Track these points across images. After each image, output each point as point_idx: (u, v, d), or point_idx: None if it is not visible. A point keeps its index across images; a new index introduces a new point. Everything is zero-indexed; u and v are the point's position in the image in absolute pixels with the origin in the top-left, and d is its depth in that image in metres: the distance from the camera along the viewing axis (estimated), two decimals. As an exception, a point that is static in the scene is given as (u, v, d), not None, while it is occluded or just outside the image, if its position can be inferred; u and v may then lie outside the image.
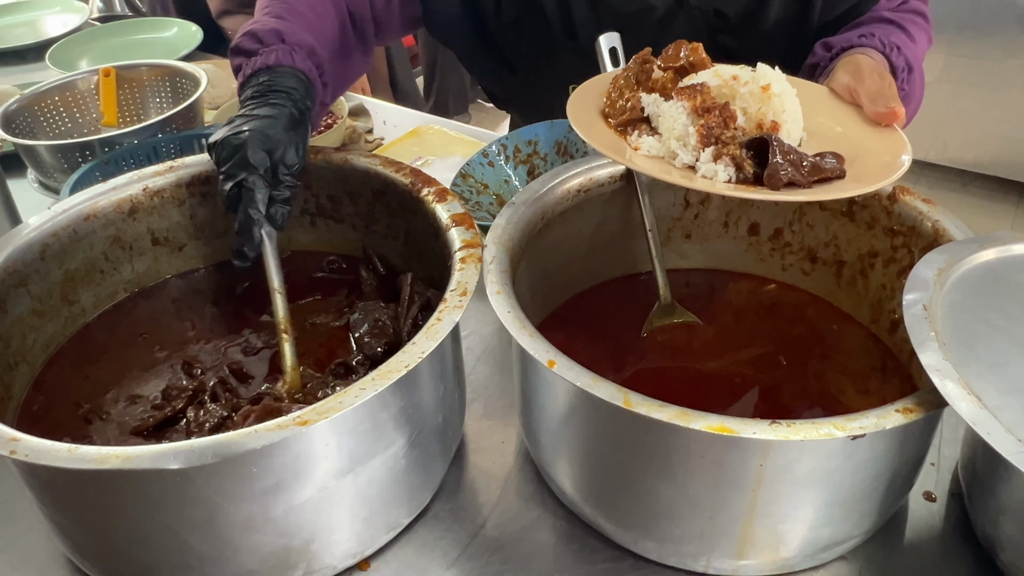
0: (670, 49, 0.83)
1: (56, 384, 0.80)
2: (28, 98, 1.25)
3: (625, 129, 0.81)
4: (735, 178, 0.73)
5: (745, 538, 0.67)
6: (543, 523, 0.76)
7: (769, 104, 0.76)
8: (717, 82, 0.77)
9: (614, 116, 0.82)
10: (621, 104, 0.82)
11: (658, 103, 0.79)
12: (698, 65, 0.81)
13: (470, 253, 0.74)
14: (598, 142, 0.77)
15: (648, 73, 0.82)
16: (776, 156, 0.72)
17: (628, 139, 0.79)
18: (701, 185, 0.72)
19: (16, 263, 0.78)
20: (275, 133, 0.79)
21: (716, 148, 0.73)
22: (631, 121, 0.81)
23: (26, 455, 0.56)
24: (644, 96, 0.80)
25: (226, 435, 0.57)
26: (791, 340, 0.88)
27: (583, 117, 0.81)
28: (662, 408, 0.59)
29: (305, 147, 0.82)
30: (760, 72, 0.77)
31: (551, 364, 0.63)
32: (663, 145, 0.77)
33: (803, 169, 0.72)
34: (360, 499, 0.67)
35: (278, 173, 0.79)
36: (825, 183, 0.73)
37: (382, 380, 0.61)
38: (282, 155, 0.79)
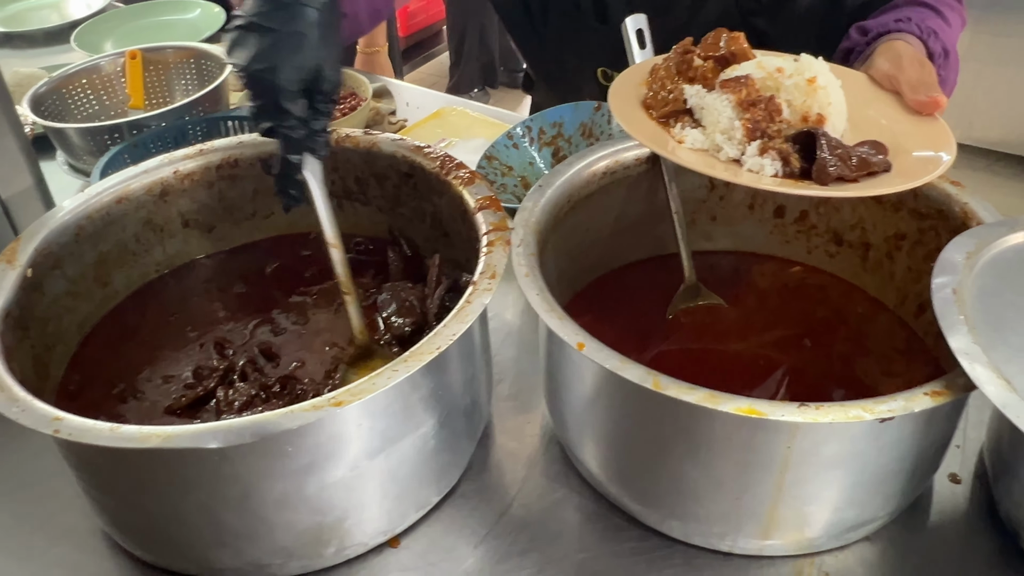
0: (709, 37, 0.82)
1: (91, 363, 0.82)
2: (56, 81, 1.27)
3: (667, 121, 0.80)
4: (781, 172, 0.72)
5: (771, 519, 0.67)
6: (569, 502, 0.77)
7: (815, 97, 0.75)
8: (761, 74, 0.76)
9: (656, 107, 0.81)
10: (663, 95, 0.81)
11: (701, 95, 0.78)
12: (739, 55, 0.80)
13: (498, 236, 0.74)
14: (641, 135, 0.77)
15: (689, 63, 0.81)
16: (824, 151, 0.71)
17: (671, 131, 0.79)
18: (747, 180, 0.71)
19: (52, 245, 0.79)
20: (305, 58, 0.71)
21: (762, 142, 0.73)
22: (674, 113, 0.80)
23: (69, 434, 0.58)
24: (687, 88, 0.79)
25: (263, 415, 0.58)
26: (816, 323, 0.88)
27: (624, 108, 0.81)
28: (691, 390, 0.59)
29: (339, 65, 0.76)
30: (805, 63, 0.76)
31: (580, 346, 0.64)
32: (707, 138, 0.76)
33: (851, 163, 0.71)
34: (391, 478, 0.69)
35: (315, 103, 0.74)
36: (872, 176, 0.72)
37: (414, 362, 0.62)
38: (317, 83, 0.73)
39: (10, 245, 0.77)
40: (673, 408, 0.62)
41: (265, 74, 0.71)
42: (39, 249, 0.78)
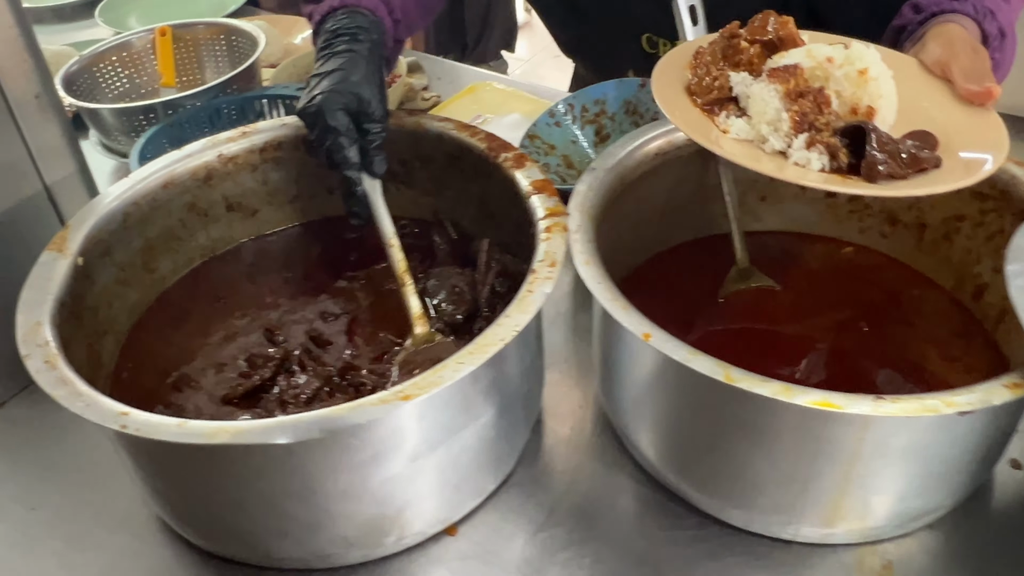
0: (756, 20, 0.78)
1: (142, 351, 0.82)
2: (87, 59, 1.25)
3: (712, 108, 0.77)
4: (828, 167, 0.70)
5: (836, 508, 0.67)
6: (625, 489, 0.77)
7: (865, 88, 0.72)
8: (810, 63, 0.73)
9: (700, 94, 0.78)
10: (708, 82, 0.78)
11: (747, 83, 0.75)
12: (787, 40, 0.77)
13: (555, 222, 0.73)
14: (686, 124, 0.74)
15: (736, 48, 0.78)
16: (873, 146, 0.68)
17: (715, 119, 0.76)
18: (792, 176, 0.69)
19: (101, 232, 0.79)
20: (348, 87, 0.78)
21: (810, 135, 0.70)
22: (719, 100, 0.77)
23: (136, 430, 0.57)
24: (733, 75, 0.76)
25: (331, 410, 0.58)
26: (870, 305, 0.87)
27: (668, 94, 0.78)
28: (764, 383, 0.58)
29: (383, 90, 0.81)
30: (856, 52, 0.73)
31: (646, 337, 0.63)
32: (753, 128, 0.73)
33: (901, 159, 0.68)
34: (451, 468, 0.68)
35: (363, 126, 0.79)
36: (922, 173, 0.69)
37: (479, 355, 0.61)
38: (362, 107, 0.78)
39: (59, 233, 0.76)
40: (742, 400, 0.61)
41: (312, 107, 0.78)
42: (89, 237, 0.77)
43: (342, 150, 0.78)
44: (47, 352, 0.64)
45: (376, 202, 0.81)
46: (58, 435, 0.84)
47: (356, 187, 0.80)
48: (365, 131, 0.79)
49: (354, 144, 0.79)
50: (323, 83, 0.79)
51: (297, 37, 1.48)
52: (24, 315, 0.68)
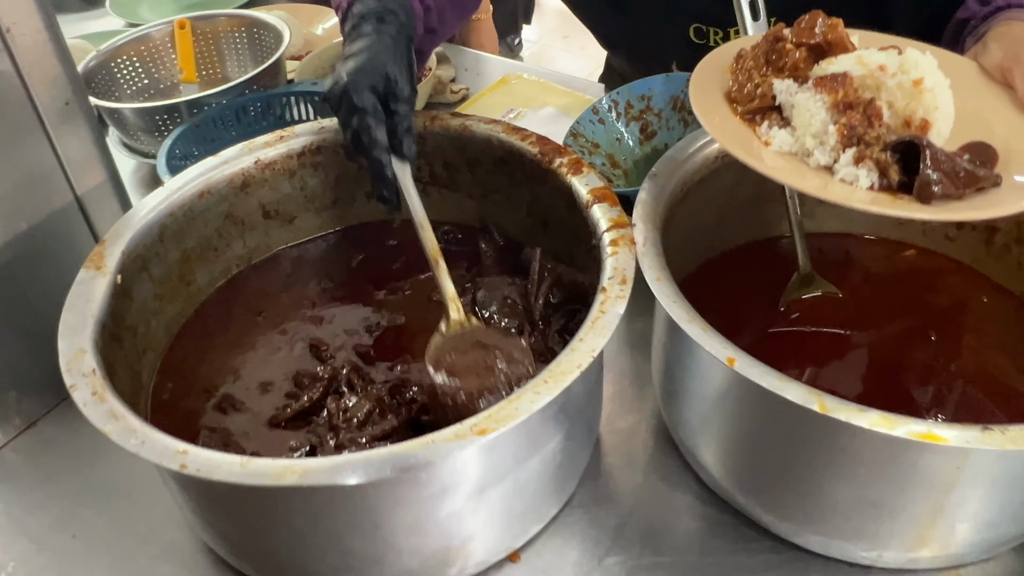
0: (803, 21, 0.73)
1: (181, 369, 0.78)
2: (104, 55, 1.20)
3: (753, 118, 0.72)
4: (878, 184, 0.65)
5: (923, 535, 0.64)
6: (691, 510, 0.74)
7: (920, 100, 0.67)
8: (860, 71, 0.68)
9: (741, 102, 0.73)
10: (749, 89, 0.73)
11: (792, 91, 0.70)
12: (836, 45, 0.71)
13: (620, 235, 0.69)
14: (723, 134, 0.69)
15: (781, 53, 0.72)
16: (928, 165, 0.63)
17: (757, 129, 0.71)
18: (837, 196, 0.63)
19: (138, 247, 0.75)
20: (375, 67, 0.75)
21: (858, 149, 0.65)
22: (760, 109, 0.72)
23: (197, 470, 0.54)
24: (776, 82, 0.71)
25: (402, 447, 0.54)
26: (938, 312, 0.83)
27: (707, 101, 0.73)
28: (862, 413, 0.55)
29: (411, 71, 0.79)
30: (910, 60, 0.68)
31: (730, 362, 0.59)
32: (797, 141, 0.68)
33: (958, 179, 0.63)
34: (517, 496, 0.65)
35: (390, 106, 0.76)
36: (980, 193, 0.64)
37: (556, 383, 0.57)
38: (389, 87, 0.76)
39: (96, 250, 0.72)
40: (835, 429, 0.58)
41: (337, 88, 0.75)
42: (126, 252, 0.73)
43: (369, 131, 0.75)
44: (94, 382, 0.61)
45: (406, 184, 0.77)
46: (95, 455, 0.81)
47: (385, 169, 0.76)
48: (393, 112, 0.77)
49: (381, 125, 0.76)
50: (349, 63, 0.76)
51: (319, 27, 1.43)
52: (66, 341, 0.64)
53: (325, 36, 1.43)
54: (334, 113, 0.77)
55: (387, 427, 0.68)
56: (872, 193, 0.65)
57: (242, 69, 1.29)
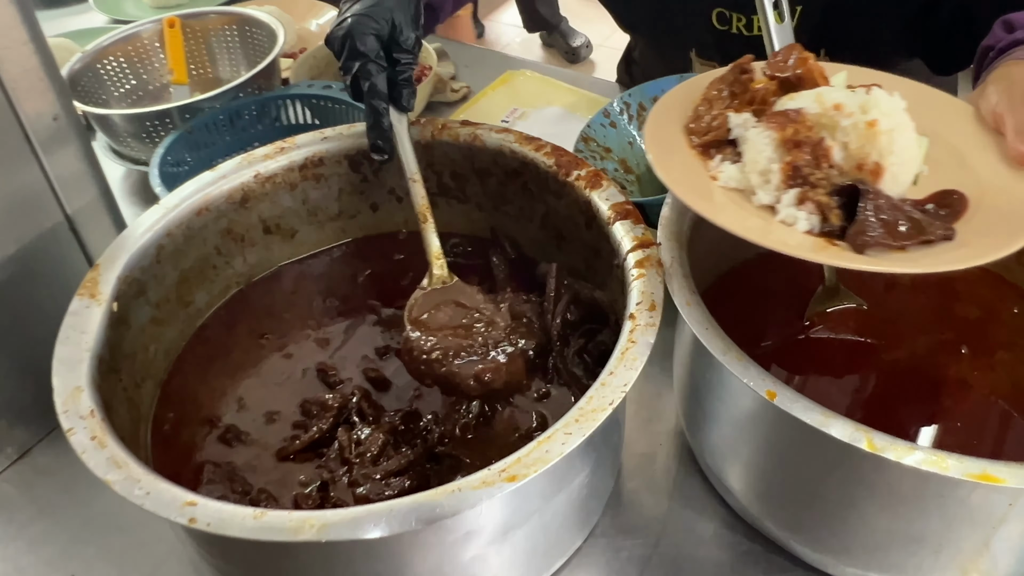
0: (780, 53, 0.70)
1: (182, 398, 0.74)
2: (90, 56, 1.15)
3: (707, 150, 0.68)
4: (818, 228, 0.61)
5: (966, 568, 0.61)
6: (719, 539, 0.71)
7: (875, 143, 0.62)
8: (816, 109, 0.64)
9: (697, 133, 0.69)
10: (707, 121, 0.69)
11: (748, 125, 0.66)
12: (806, 79, 0.68)
13: (646, 255, 0.66)
14: (668, 168, 0.65)
15: (745, 85, 0.69)
16: (867, 211, 0.59)
17: (709, 163, 0.68)
18: (772, 243, 0.59)
19: (134, 271, 0.71)
20: (379, 12, 0.75)
21: (801, 190, 0.61)
22: (716, 142, 0.68)
23: (208, 524, 0.50)
24: (732, 115, 0.67)
25: (427, 496, 0.51)
26: (968, 325, 0.80)
27: (661, 130, 0.70)
28: (912, 451, 0.52)
29: (417, 20, 0.78)
30: (872, 100, 0.64)
31: (771, 395, 0.56)
32: (745, 177, 0.65)
33: (898, 230, 0.59)
34: (543, 534, 0.62)
35: (392, 54, 0.76)
36: (926, 245, 0.60)
37: (587, 423, 0.54)
38: (393, 35, 0.76)
39: (89, 276, 0.68)
40: (881, 466, 0.55)
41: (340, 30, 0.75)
42: (122, 278, 0.69)
43: (370, 77, 0.74)
44: (92, 425, 0.57)
45: (402, 136, 0.77)
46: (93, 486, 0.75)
47: (382, 119, 0.76)
48: (395, 61, 0.76)
49: (383, 73, 0.76)
50: (355, 6, 0.76)
51: (312, 23, 1.39)
52: (61, 378, 0.60)
53: (319, 32, 1.38)
54: (336, 57, 0.77)
55: (403, 461, 0.65)
56: (809, 238, 0.61)
57: (234, 68, 1.24)
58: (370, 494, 0.62)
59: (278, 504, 0.65)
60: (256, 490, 0.66)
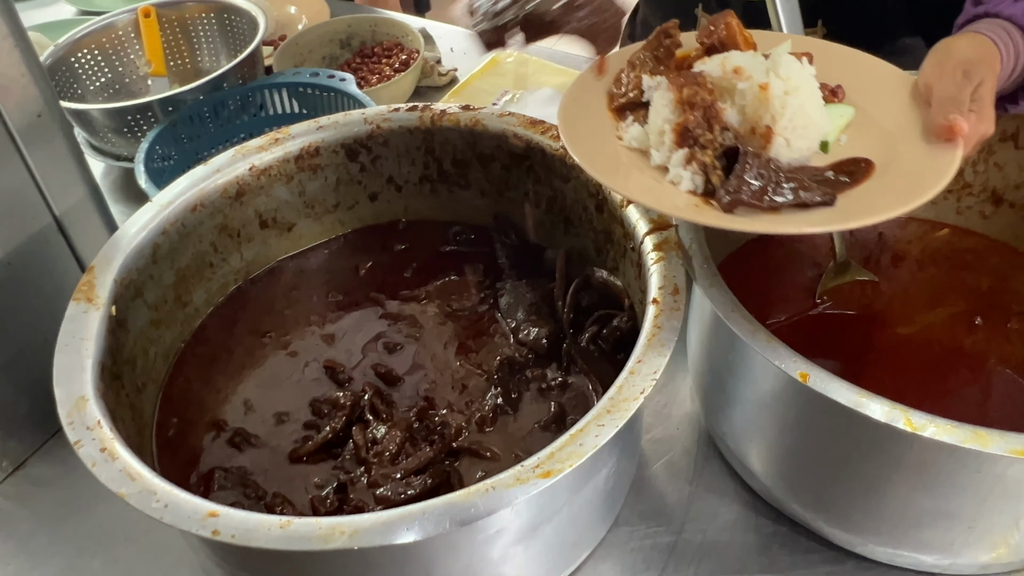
0: (714, 21, 0.69)
1: (186, 401, 0.72)
2: (63, 49, 1.11)
3: (623, 112, 0.68)
4: (700, 188, 0.61)
5: (999, 543, 0.60)
6: (744, 522, 0.70)
7: (766, 106, 0.62)
8: (718, 73, 0.63)
9: (615, 97, 0.69)
10: (625, 84, 0.69)
11: (658, 87, 0.65)
12: (728, 44, 0.68)
13: (663, 238, 0.64)
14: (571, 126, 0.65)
15: (669, 50, 0.69)
16: (742, 172, 0.59)
17: (621, 123, 0.67)
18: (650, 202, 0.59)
19: (131, 272, 0.68)
20: None
21: (689, 151, 0.61)
22: (631, 104, 0.68)
23: (232, 536, 0.48)
24: (646, 78, 0.67)
25: (460, 496, 0.49)
26: (981, 295, 0.80)
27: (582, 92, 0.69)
28: (954, 429, 0.51)
29: None
30: (772, 62, 0.63)
31: (804, 377, 0.55)
32: (646, 137, 0.64)
33: (768, 193, 0.59)
34: (571, 527, 0.61)
35: None
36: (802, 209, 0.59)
37: (620, 414, 0.52)
38: None
39: (84, 279, 0.65)
40: (918, 445, 0.54)
41: None
42: (118, 280, 0.66)
43: None
44: (101, 436, 0.54)
45: None
46: (94, 495, 0.73)
47: None
48: None
49: None
50: None
51: (291, 7, 1.35)
52: (64, 387, 0.58)
53: (298, 16, 1.34)
54: None
55: (423, 459, 0.63)
56: (690, 198, 0.60)
57: (214, 59, 1.21)
58: (391, 494, 0.61)
59: (294, 508, 0.63)
60: (271, 495, 0.64)
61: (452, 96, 1.17)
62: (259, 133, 0.80)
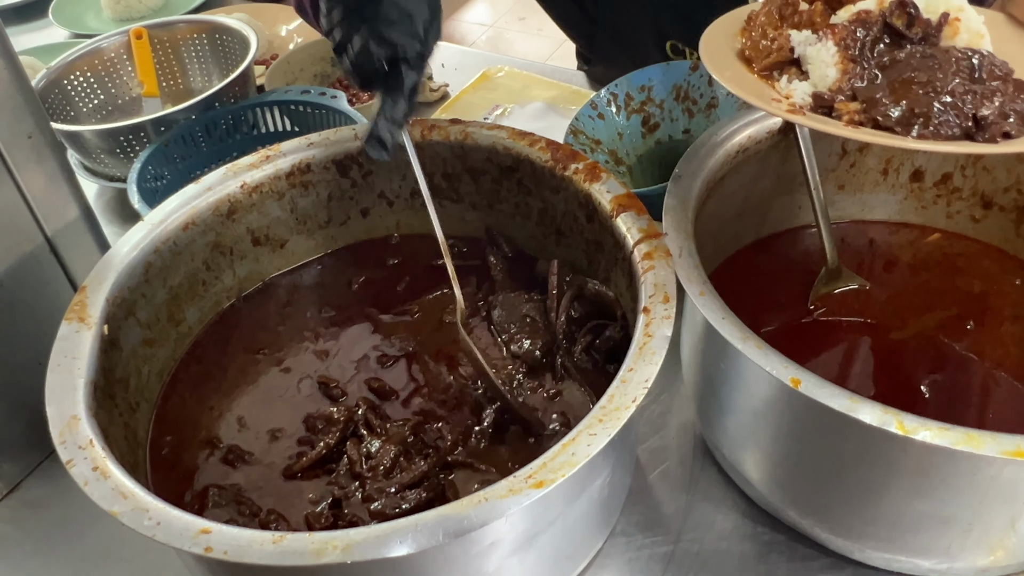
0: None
1: (179, 420, 0.72)
2: (56, 72, 1.12)
3: (771, 73, 0.68)
4: None
5: (995, 546, 0.60)
6: (741, 530, 0.70)
7: (953, 38, 0.64)
8: (879, 9, 0.64)
9: (757, 59, 0.69)
10: (765, 44, 0.69)
11: (810, 42, 0.66)
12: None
13: (654, 246, 0.64)
14: (744, 89, 0.64)
15: (794, 7, 0.70)
16: None
17: (776, 85, 0.67)
18: (885, 139, 0.58)
19: (123, 291, 0.68)
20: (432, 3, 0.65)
21: None
22: (778, 64, 0.68)
23: (225, 552, 0.48)
24: (794, 34, 0.67)
25: (453, 508, 0.49)
26: (972, 299, 0.80)
27: (719, 60, 0.69)
28: (946, 432, 0.51)
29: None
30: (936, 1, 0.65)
31: (795, 383, 0.55)
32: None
33: None
34: (567, 538, 0.60)
35: (424, 51, 0.66)
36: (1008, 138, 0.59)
37: (612, 423, 0.52)
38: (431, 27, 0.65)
39: (76, 298, 0.65)
40: (911, 448, 0.54)
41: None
42: (110, 299, 0.66)
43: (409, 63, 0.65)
44: (93, 455, 0.54)
45: (409, 148, 0.71)
46: (89, 517, 0.73)
47: (402, 110, 0.66)
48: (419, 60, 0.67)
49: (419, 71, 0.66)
50: None
51: (282, 28, 1.35)
52: (56, 406, 0.57)
53: (289, 37, 1.35)
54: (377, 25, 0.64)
55: (417, 473, 0.63)
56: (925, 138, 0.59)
57: (206, 79, 1.21)
58: (386, 509, 0.60)
59: (289, 524, 0.63)
60: (265, 511, 0.64)
61: (443, 111, 1.18)
62: (252, 152, 0.80)
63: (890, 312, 0.79)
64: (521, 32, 3.61)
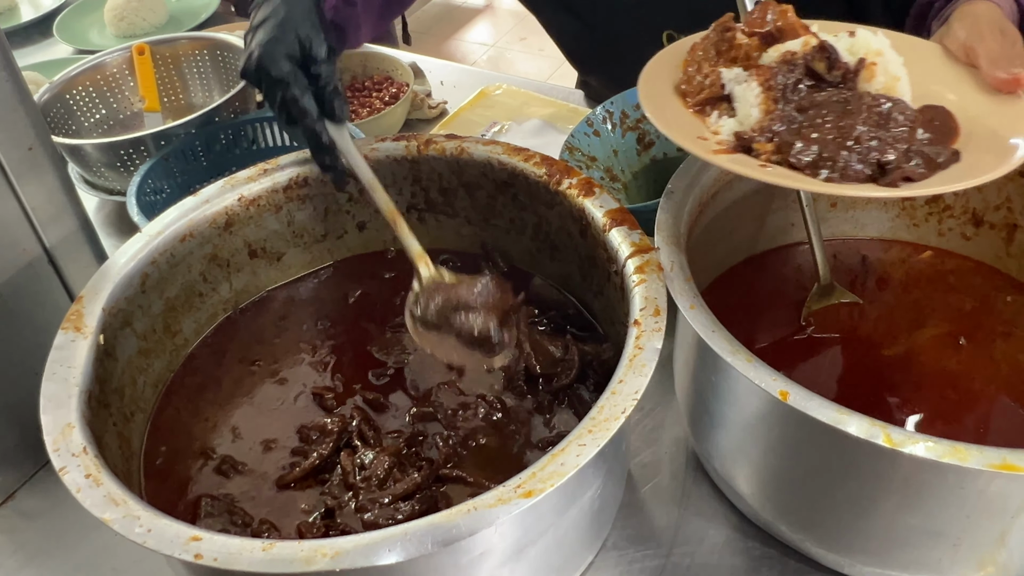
0: (755, 11, 0.71)
1: (174, 430, 0.72)
2: (58, 86, 1.13)
3: (703, 108, 0.69)
4: None
5: (985, 560, 0.60)
6: (732, 545, 0.70)
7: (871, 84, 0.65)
8: None
9: (691, 94, 0.70)
10: (699, 80, 0.70)
11: (740, 79, 0.67)
12: (787, 32, 0.69)
13: (645, 260, 0.65)
14: (671, 127, 0.65)
15: (730, 42, 0.70)
16: None
17: (707, 120, 0.68)
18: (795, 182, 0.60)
19: (119, 301, 0.69)
20: (284, 33, 0.74)
21: None
22: (711, 100, 0.69)
23: (215, 559, 0.48)
24: (724, 71, 0.68)
25: (443, 516, 0.49)
26: (964, 316, 0.80)
27: (655, 94, 0.70)
28: (933, 445, 0.51)
29: (325, 27, 0.77)
30: (861, 41, 0.66)
31: (783, 396, 0.55)
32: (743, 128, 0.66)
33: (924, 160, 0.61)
34: (557, 549, 0.61)
35: (310, 70, 0.75)
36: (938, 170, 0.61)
37: (601, 433, 0.53)
38: (304, 50, 0.74)
39: (73, 308, 0.66)
40: (899, 461, 0.54)
41: (251, 63, 0.74)
42: (107, 309, 0.67)
43: (296, 101, 0.73)
44: (86, 463, 0.55)
45: (348, 148, 0.76)
46: (83, 528, 0.75)
47: (321, 137, 0.75)
48: (315, 76, 0.75)
49: (307, 92, 0.74)
50: (259, 35, 0.75)
51: (283, 46, 1.37)
52: (51, 415, 0.58)
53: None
54: (256, 87, 0.76)
55: (410, 485, 0.63)
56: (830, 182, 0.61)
57: (207, 94, 1.23)
58: (379, 519, 0.61)
59: (281, 534, 0.63)
60: (257, 521, 0.64)
61: (442, 128, 1.19)
62: (251, 166, 0.81)
63: (882, 329, 0.80)
64: (522, 52, 3.64)
